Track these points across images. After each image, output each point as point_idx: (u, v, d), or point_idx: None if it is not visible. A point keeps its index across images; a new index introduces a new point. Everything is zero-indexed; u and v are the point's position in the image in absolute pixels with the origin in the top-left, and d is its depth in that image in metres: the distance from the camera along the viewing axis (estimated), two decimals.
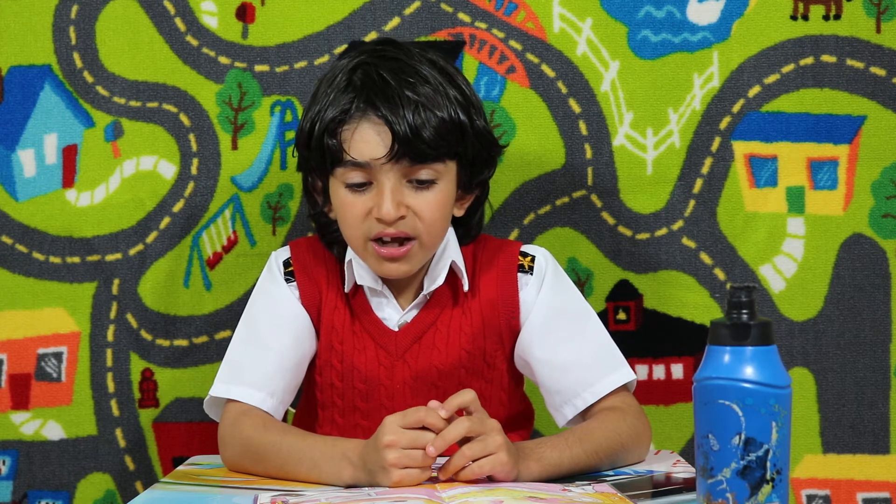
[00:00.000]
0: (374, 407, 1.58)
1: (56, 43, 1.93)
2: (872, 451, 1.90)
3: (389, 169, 1.48)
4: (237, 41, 1.92)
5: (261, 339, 1.58)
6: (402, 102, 1.47)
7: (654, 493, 1.35)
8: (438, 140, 1.49)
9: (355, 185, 1.51)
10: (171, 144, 1.93)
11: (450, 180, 1.54)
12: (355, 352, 1.57)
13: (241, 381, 1.55)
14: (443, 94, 1.51)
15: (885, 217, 1.90)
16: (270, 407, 1.54)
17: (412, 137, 1.47)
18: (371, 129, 1.48)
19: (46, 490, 1.94)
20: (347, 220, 1.52)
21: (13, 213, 1.94)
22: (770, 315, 1.89)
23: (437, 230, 1.53)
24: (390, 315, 1.58)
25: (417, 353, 1.57)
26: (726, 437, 1.12)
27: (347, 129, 1.49)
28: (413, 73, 1.51)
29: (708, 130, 1.90)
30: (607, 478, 1.43)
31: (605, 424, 1.51)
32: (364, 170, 1.49)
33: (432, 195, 1.51)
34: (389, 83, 1.49)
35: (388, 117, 1.47)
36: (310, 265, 1.61)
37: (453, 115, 1.50)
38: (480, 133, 1.55)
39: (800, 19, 1.89)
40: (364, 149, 1.49)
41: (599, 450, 1.47)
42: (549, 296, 1.59)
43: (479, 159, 1.56)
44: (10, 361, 1.94)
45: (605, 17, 1.90)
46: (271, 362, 1.55)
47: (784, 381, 1.13)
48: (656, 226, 1.91)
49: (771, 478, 1.12)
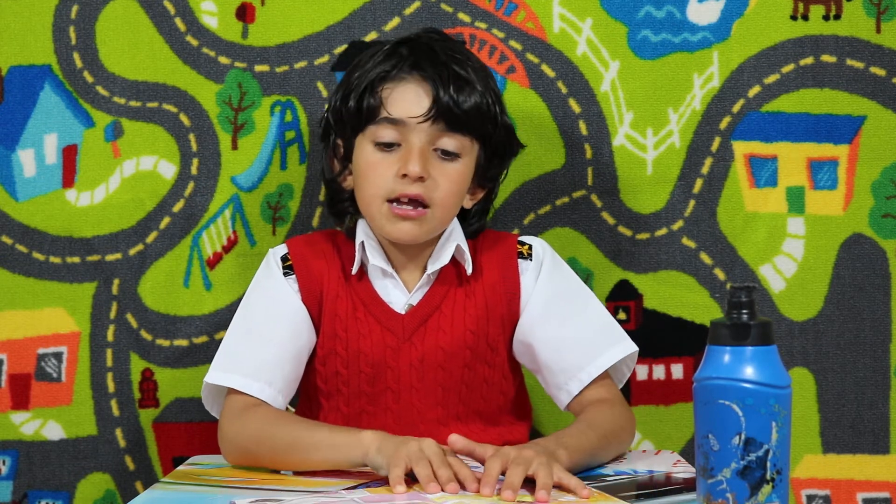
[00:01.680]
0: (379, 391, 1.60)
1: (56, 43, 1.93)
2: (872, 451, 1.90)
3: (423, 130, 1.55)
4: (237, 41, 1.92)
5: (258, 330, 1.60)
6: (448, 70, 1.55)
7: (654, 493, 1.35)
8: (474, 113, 1.56)
9: (384, 145, 1.56)
10: (171, 144, 1.93)
11: (470, 161, 1.60)
12: (360, 337, 1.60)
13: (238, 370, 1.57)
14: (483, 78, 1.59)
15: (885, 217, 1.90)
16: (269, 396, 1.56)
17: (451, 103, 1.54)
18: (413, 88, 1.56)
19: (46, 490, 1.94)
20: (370, 178, 1.57)
21: (13, 213, 1.94)
22: (770, 315, 1.89)
23: (450, 203, 1.58)
24: (397, 298, 1.61)
25: (424, 335, 1.59)
26: (726, 437, 1.12)
27: (389, 88, 1.57)
28: (460, 52, 1.60)
29: (708, 130, 1.90)
30: (608, 478, 1.43)
31: (603, 411, 1.57)
32: (397, 127, 1.56)
33: (454, 167, 1.57)
34: (438, 53, 1.58)
35: (434, 78, 1.54)
36: (308, 258, 1.63)
37: (489, 100, 1.58)
38: (507, 126, 1.63)
39: (800, 19, 1.89)
40: (404, 106, 1.56)
41: (608, 433, 1.53)
42: (548, 280, 1.64)
43: (499, 150, 1.63)
44: (10, 361, 1.94)
45: (605, 17, 1.90)
46: (269, 353, 1.58)
47: (784, 381, 1.13)
48: (656, 226, 1.91)
49: (771, 478, 1.12)
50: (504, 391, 1.65)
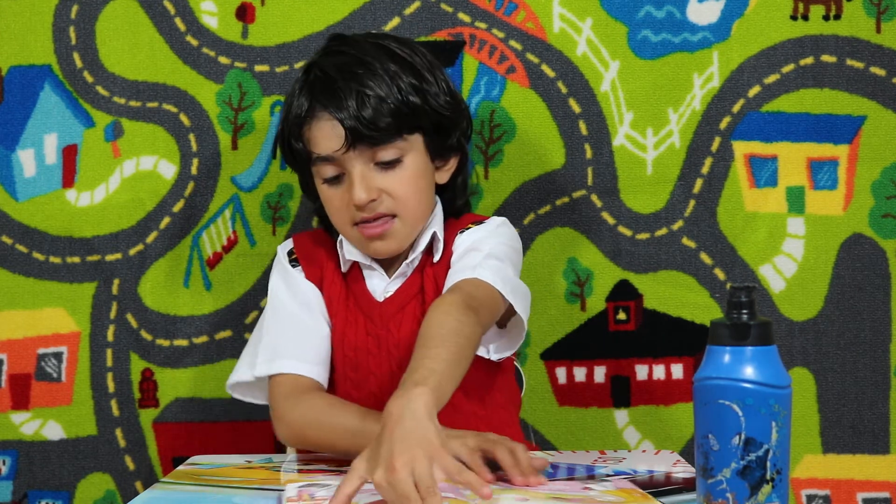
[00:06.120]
0: (363, 376, 1.62)
1: (56, 43, 1.93)
2: (872, 451, 1.90)
3: (353, 157, 1.56)
4: (237, 41, 1.92)
5: (291, 317, 1.63)
6: (344, 95, 1.55)
7: (654, 493, 1.35)
8: (389, 121, 1.55)
9: (330, 179, 1.59)
10: (171, 144, 1.93)
11: (417, 154, 1.59)
12: (346, 324, 1.63)
13: (285, 356, 1.60)
14: (389, 79, 1.57)
15: (885, 217, 1.90)
16: (318, 375, 1.60)
17: (361, 125, 1.54)
18: (326, 124, 1.57)
19: (46, 490, 1.94)
20: (331, 211, 1.61)
21: (13, 213, 1.94)
22: (770, 315, 1.89)
23: (415, 204, 1.59)
24: (378, 286, 1.63)
25: (401, 322, 1.61)
26: (726, 437, 1.12)
27: (307, 129, 1.59)
28: (358, 65, 1.58)
29: (708, 130, 1.90)
30: (609, 478, 1.43)
31: (444, 311, 1.43)
32: (332, 163, 1.58)
33: (401, 173, 1.58)
34: (333, 78, 1.57)
35: (334, 111, 1.55)
36: (310, 249, 1.67)
37: (401, 98, 1.57)
38: (436, 106, 1.60)
39: (800, 19, 1.89)
40: (324, 143, 1.57)
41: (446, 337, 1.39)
42: (473, 238, 1.60)
43: (442, 126, 1.61)
44: (10, 361, 1.94)
45: (605, 17, 1.90)
46: (308, 336, 1.62)
47: (784, 381, 1.13)
48: (656, 226, 1.91)
49: (771, 478, 1.12)
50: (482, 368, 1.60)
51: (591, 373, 1.92)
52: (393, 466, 1.20)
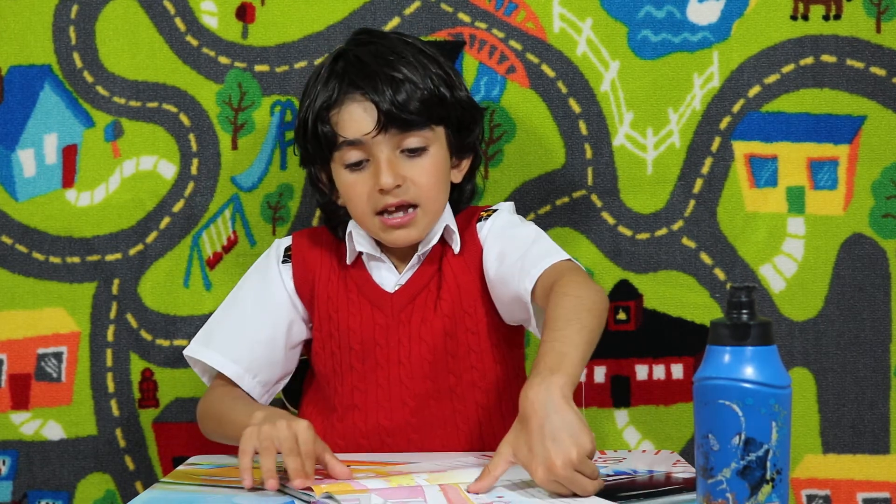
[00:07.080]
0: (370, 367, 1.64)
1: (56, 43, 1.93)
2: (872, 451, 1.90)
3: (381, 141, 1.59)
4: (237, 41, 1.92)
5: (239, 311, 1.68)
6: (381, 79, 1.59)
7: (654, 493, 1.35)
8: (421, 107, 1.59)
9: (354, 165, 1.61)
10: (171, 144, 1.93)
11: (441, 146, 1.63)
12: (350, 316, 1.65)
13: (210, 344, 1.66)
14: (421, 68, 1.62)
15: (885, 217, 1.90)
16: (233, 373, 1.64)
17: (395, 108, 1.58)
18: (357, 107, 1.59)
19: (46, 490, 1.94)
20: (353, 199, 1.62)
21: (13, 213, 1.94)
22: (770, 315, 1.89)
23: (435, 194, 1.62)
24: (387, 278, 1.66)
25: (412, 313, 1.64)
26: (726, 437, 1.12)
27: (336, 113, 1.61)
28: (390, 53, 1.63)
29: (708, 130, 1.90)
30: (608, 478, 1.43)
31: (561, 293, 1.47)
32: (359, 147, 1.60)
33: (425, 161, 1.61)
34: (368, 64, 1.61)
35: (370, 94, 1.58)
36: (306, 247, 1.69)
37: (432, 87, 1.61)
38: (462, 100, 1.66)
39: (800, 19, 1.89)
40: (354, 126, 1.59)
41: (587, 315, 1.44)
42: (498, 227, 1.65)
43: (464, 121, 1.66)
44: (10, 361, 1.94)
45: (605, 17, 1.90)
46: (243, 333, 1.66)
47: (784, 381, 1.13)
48: (656, 226, 1.91)
49: (771, 478, 1.12)
50: (497, 360, 1.66)
51: (591, 373, 1.92)
52: (553, 465, 1.29)
